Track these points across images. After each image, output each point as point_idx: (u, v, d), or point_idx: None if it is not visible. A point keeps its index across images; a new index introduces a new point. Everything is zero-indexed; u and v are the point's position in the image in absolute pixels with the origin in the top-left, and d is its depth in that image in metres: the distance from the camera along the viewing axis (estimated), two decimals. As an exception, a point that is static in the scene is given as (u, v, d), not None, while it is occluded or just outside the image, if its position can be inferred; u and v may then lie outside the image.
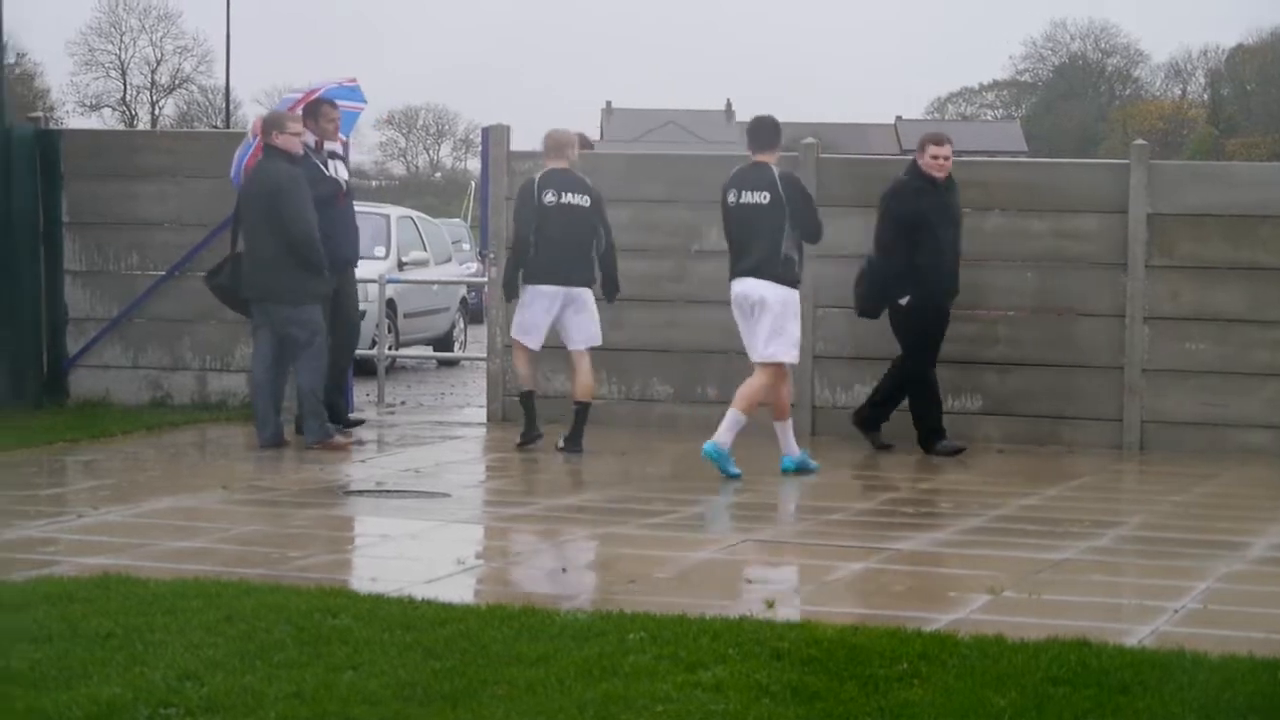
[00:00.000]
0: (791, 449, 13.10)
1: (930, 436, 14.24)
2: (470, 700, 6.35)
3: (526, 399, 14.48)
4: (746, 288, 13.00)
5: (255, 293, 13.80)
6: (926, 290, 13.97)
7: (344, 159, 15.01)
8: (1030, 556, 9.79)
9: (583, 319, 14.21)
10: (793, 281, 13.00)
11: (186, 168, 16.26)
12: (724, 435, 12.77)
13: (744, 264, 13.03)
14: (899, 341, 14.25)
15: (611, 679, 6.62)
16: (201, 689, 6.40)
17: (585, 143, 16.68)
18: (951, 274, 14.13)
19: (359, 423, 15.38)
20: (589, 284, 14.24)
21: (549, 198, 14.05)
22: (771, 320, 12.88)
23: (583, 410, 14.25)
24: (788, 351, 13.02)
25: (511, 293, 14.59)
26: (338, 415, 14.76)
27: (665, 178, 16.00)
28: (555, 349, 15.07)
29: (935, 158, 14.07)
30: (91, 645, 6.96)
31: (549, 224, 14.03)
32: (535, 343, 14.29)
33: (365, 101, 15.41)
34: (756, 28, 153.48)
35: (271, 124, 13.88)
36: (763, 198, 12.94)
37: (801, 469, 13.07)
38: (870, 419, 14.47)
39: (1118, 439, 14.85)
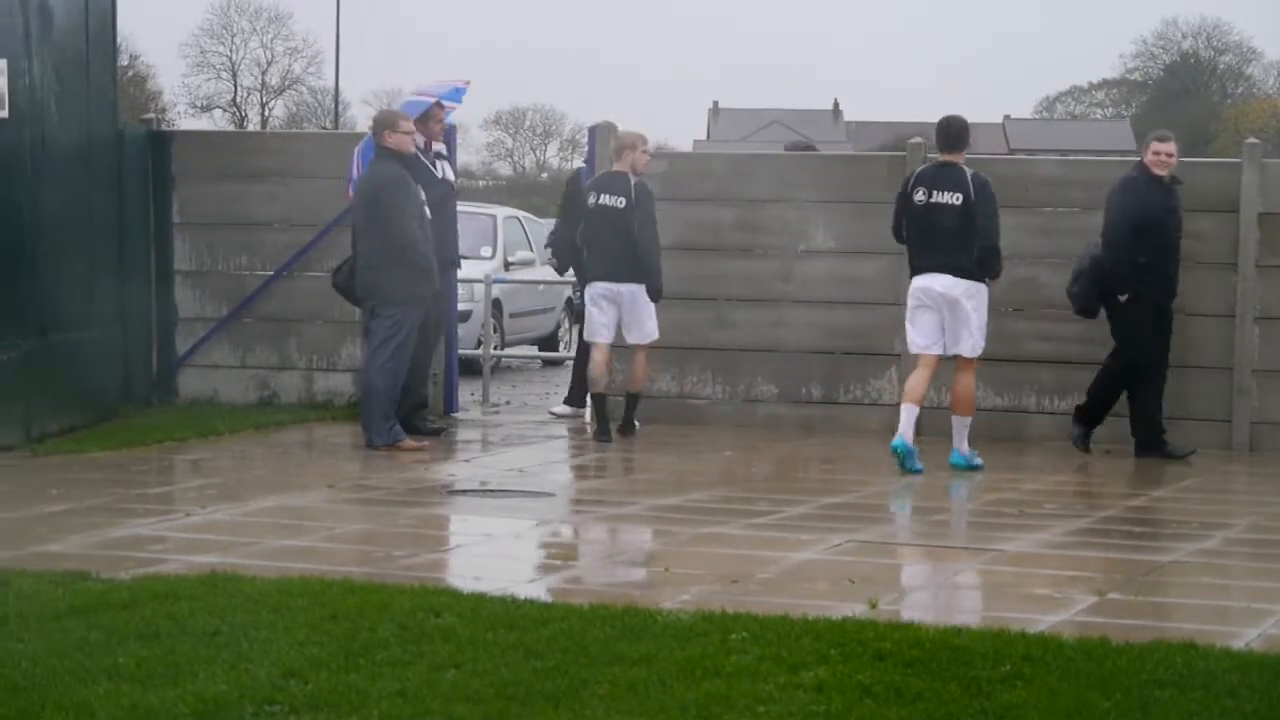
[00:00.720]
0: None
1: (1152, 440, 14.14)
2: (572, 700, 6.35)
3: (598, 401, 14.91)
4: (939, 284, 13.26)
5: (362, 291, 13.90)
6: (1149, 288, 13.84)
7: (449, 159, 15.08)
8: (1136, 558, 9.72)
9: (637, 316, 14.71)
10: (982, 277, 13.30)
11: (295, 168, 16.37)
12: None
13: (935, 260, 13.27)
14: (1117, 341, 14.13)
15: (713, 679, 6.61)
16: (305, 687, 6.44)
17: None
18: (1174, 273, 14.01)
19: (439, 431, 15.10)
20: (638, 280, 14.63)
21: (591, 199, 14.71)
22: (974, 318, 13.28)
23: (633, 399, 14.94)
24: (981, 345, 13.39)
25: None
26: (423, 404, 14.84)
27: (772, 177, 15.98)
28: (661, 350, 15.18)
29: (1157, 154, 13.94)
30: (198, 642, 7.02)
31: (592, 225, 14.71)
32: (604, 338, 14.82)
33: (460, 103, 15.49)
34: (863, 27, 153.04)
35: (384, 123, 13.94)
36: (955, 198, 13.23)
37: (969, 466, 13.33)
38: (1084, 423, 14.32)
39: (1227, 440, 14.71)
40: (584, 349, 15.57)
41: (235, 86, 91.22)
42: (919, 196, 13.36)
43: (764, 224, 15.80)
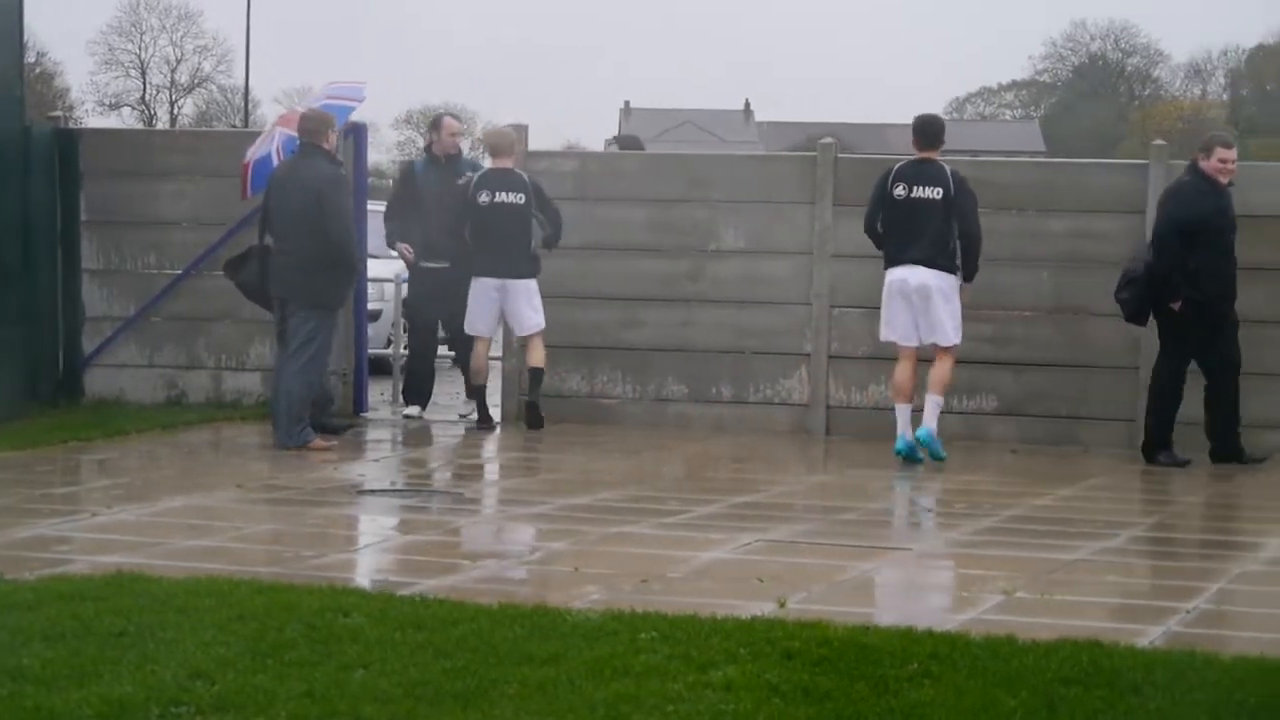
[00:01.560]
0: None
1: (1158, 446, 13.98)
2: (481, 700, 6.34)
3: (479, 392, 15.46)
4: (917, 275, 13.60)
5: (284, 291, 13.74)
6: (1202, 294, 13.69)
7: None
8: (1043, 557, 9.77)
9: (522, 308, 15.03)
10: (956, 271, 13.64)
11: (204, 167, 16.25)
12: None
13: (913, 254, 13.60)
14: (1161, 343, 14.04)
15: (622, 679, 6.61)
16: (212, 687, 6.40)
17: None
18: (1231, 279, 13.83)
19: (346, 428, 14.98)
20: (528, 275, 15.00)
21: (483, 198, 14.87)
22: (950, 308, 13.65)
23: (536, 375, 15.11)
24: (959, 336, 13.76)
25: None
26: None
27: (682, 177, 16.00)
28: (571, 350, 15.21)
29: (1224, 161, 13.80)
30: (103, 644, 6.97)
31: (484, 222, 14.88)
32: (486, 332, 15.26)
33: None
34: (776, 28, 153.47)
35: (328, 123, 13.83)
36: (936, 193, 13.57)
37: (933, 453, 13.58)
38: (1159, 440, 14.02)
39: (1133, 439, 14.80)
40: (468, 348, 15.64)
41: (144, 84, 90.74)
42: (899, 192, 13.62)
43: (674, 224, 15.81)
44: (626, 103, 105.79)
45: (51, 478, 12.52)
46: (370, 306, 17.22)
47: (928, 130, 13.83)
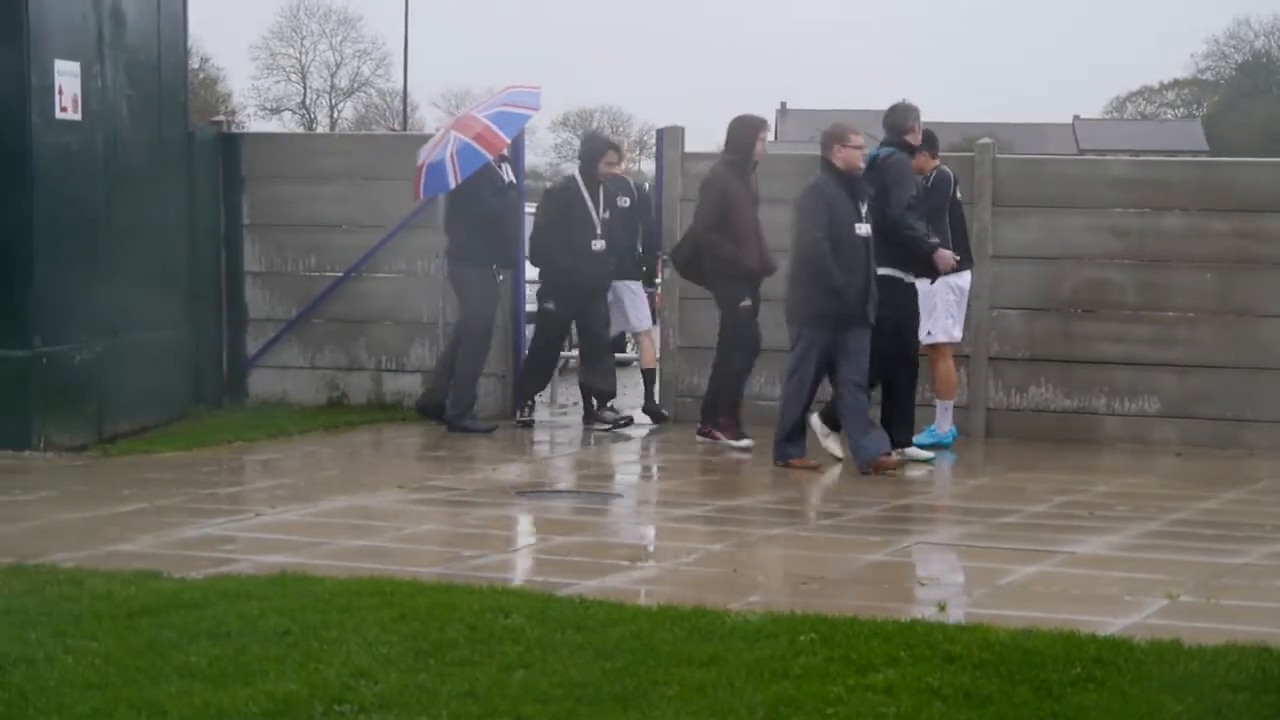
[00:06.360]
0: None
1: None
2: (640, 701, 6.35)
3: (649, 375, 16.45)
4: None
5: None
6: None
7: (511, 162, 15.12)
8: (1209, 561, 9.65)
9: (636, 305, 16.15)
10: None
11: (364, 170, 16.39)
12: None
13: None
14: None
15: (782, 681, 6.60)
16: (375, 686, 6.46)
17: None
18: None
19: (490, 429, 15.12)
20: (630, 277, 16.03)
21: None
22: None
23: (649, 374, 16.24)
24: None
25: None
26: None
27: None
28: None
29: None
30: (268, 642, 7.05)
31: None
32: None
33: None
34: (933, 26, 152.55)
35: (834, 137, 13.17)
36: None
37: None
38: None
39: (1302, 442, 14.60)
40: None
41: (304, 89, 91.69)
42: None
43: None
44: (783, 104, 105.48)
45: (217, 478, 12.68)
46: (529, 308, 17.25)
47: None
